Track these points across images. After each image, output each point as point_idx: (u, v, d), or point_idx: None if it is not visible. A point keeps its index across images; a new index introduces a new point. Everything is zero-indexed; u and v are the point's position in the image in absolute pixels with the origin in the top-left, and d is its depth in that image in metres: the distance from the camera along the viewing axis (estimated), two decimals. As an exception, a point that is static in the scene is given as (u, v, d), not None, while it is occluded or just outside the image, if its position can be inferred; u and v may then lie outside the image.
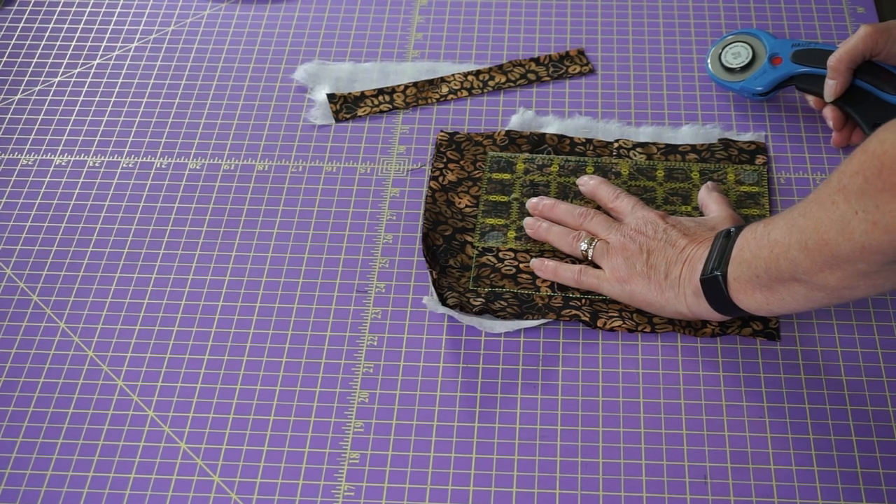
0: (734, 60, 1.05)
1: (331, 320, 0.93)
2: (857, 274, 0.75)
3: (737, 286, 0.84)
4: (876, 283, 0.77)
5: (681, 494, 0.82)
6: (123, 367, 0.91)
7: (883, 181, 0.70)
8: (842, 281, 0.77)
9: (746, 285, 0.83)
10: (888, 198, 0.70)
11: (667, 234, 0.91)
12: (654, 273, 0.89)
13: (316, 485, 0.84)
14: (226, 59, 1.15)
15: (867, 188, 0.71)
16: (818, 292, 0.79)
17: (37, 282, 0.97)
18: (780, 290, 0.81)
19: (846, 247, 0.74)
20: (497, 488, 0.83)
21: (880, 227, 0.71)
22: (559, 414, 0.87)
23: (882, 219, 0.71)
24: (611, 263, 0.92)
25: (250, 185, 1.04)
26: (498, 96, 1.11)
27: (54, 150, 1.07)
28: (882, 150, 0.70)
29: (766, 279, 0.81)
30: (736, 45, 1.06)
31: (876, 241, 0.72)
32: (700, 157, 1.03)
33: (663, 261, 0.89)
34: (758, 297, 0.83)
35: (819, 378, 0.89)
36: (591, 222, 0.95)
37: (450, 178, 1.03)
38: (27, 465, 0.85)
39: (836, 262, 0.75)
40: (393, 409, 0.88)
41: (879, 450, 0.85)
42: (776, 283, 0.81)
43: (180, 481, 0.84)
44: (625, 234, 0.92)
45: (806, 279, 0.78)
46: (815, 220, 0.76)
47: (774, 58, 1.03)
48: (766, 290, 0.82)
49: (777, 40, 1.05)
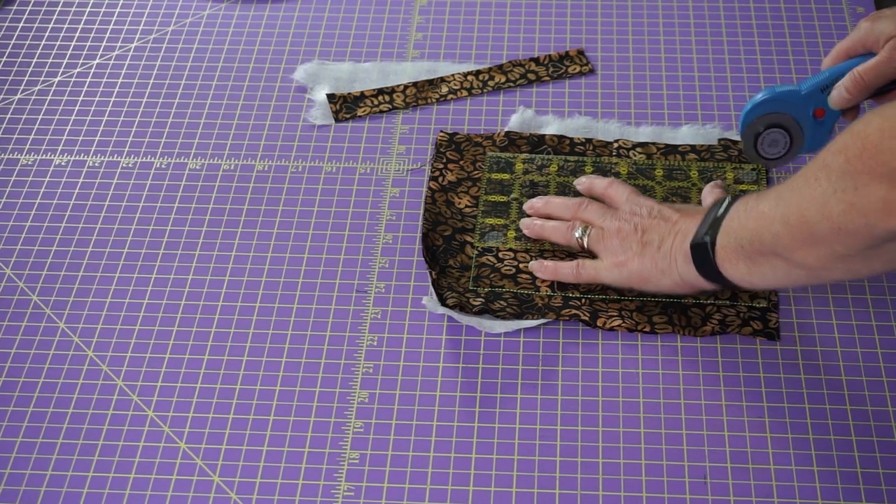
0: (772, 150, 0.96)
1: (330, 320, 0.93)
2: (833, 256, 0.75)
3: (723, 254, 0.84)
4: (852, 268, 0.76)
5: (680, 494, 0.82)
6: (123, 367, 0.91)
7: (863, 163, 0.69)
8: (819, 261, 0.76)
9: (732, 254, 0.83)
10: (866, 180, 0.69)
11: (661, 212, 0.91)
12: (648, 248, 0.89)
13: (316, 485, 0.84)
14: (226, 59, 1.15)
15: (847, 168, 0.70)
16: (797, 270, 0.79)
17: (36, 282, 0.97)
18: (762, 263, 0.81)
19: (824, 226, 0.73)
20: (497, 488, 0.83)
21: (857, 209, 0.70)
22: (559, 414, 0.87)
23: (859, 201, 0.70)
24: (606, 248, 0.92)
25: (250, 185, 1.04)
26: (498, 96, 1.11)
27: (54, 149, 1.07)
28: (866, 133, 0.69)
29: (749, 250, 0.81)
30: (772, 133, 0.95)
31: (851, 224, 0.71)
32: (700, 158, 1.03)
33: (657, 235, 0.90)
34: (741, 268, 0.83)
35: (819, 378, 0.89)
36: (585, 211, 0.95)
37: (449, 178, 1.03)
38: (27, 464, 0.85)
39: (813, 240, 0.75)
40: (393, 409, 0.88)
41: (879, 450, 0.85)
42: (758, 255, 0.81)
43: (180, 481, 0.84)
44: (620, 218, 0.92)
45: (786, 255, 0.78)
46: (799, 195, 0.75)
47: (816, 110, 0.94)
48: (750, 261, 0.82)
49: (803, 94, 0.93)
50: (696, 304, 0.93)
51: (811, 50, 1.14)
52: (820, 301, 0.94)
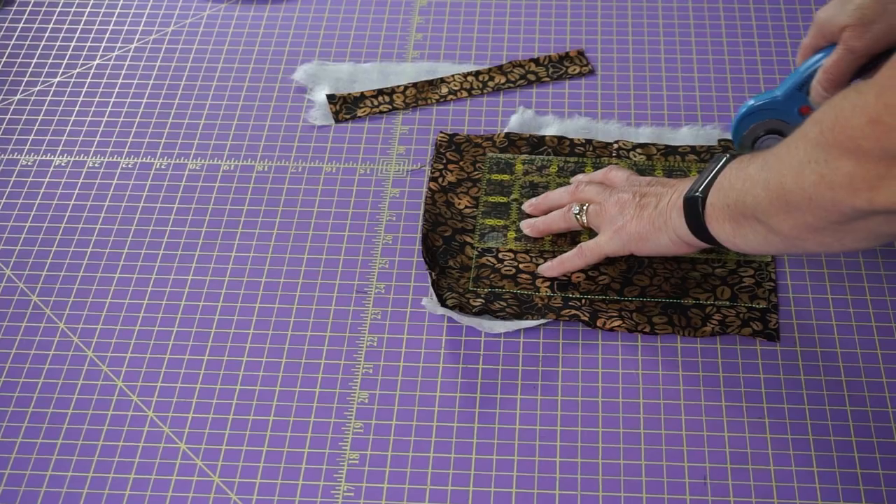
0: None
1: (330, 321, 0.93)
2: (805, 226, 0.75)
3: (711, 212, 0.84)
4: (824, 241, 0.76)
5: (680, 495, 0.82)
6: (123, 368, 0.91)
7: (834, 136, 0.69)
8: (792, 230, 0.76)
9: (719, 213, 0.83)
10: (836, 154, 0.69)
11: (659, 180, 0.93)
12: (646, 209, 0.90)
13: (315, 485, 0.84)
14: (225, 60, 1.15)
15: (821, 140, 0.71)
16: (774, 236, 0.79)
17: (36, 282, 0.97)
18: (744, 226, 0.81)
19: (797, 195, 0.73)
20: (497, 489, 0.83)
21: (825, 182, 0.71)
22: (559, 414, 0.87)
23: (828, 174, 0.70)
24: (605, 219, 0.93)
25: (250, 185, 1.04)
26: (498, 97, 1.11)
27: (54, 150, 1.07)
28: (840, 106, 0.70)
29: (734, 211, 0.81)
30: (769, 139, 0.98)
31: (820, 196, 0.72)
32: (700, 159, 1.03)
33: (654, 197, 0.90)
34: (726, 228, 0.83)
35: (819, 379, 0.89)
36: (583, 192, 0.96)
37: (449, 178, 1.03)
38: (27, 465, 0.85)
39: (788, 208, 0.75)
40: (392, 409, 0.88)
41: (879, 451, 0.85)
42: (741, 217, 0.81)
43: (180, 482, 0.84)
44: (618, 192, 0.93)
45: (764, 220, 0.78)
46: (780, 161, 0.76)
47: (802, 109, 0.97)
48: (734, 222, 0.82)
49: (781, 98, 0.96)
50: (696, 304, 0.93)
51: (811, 51, 1.14)
52: (820, 302, 0.94)
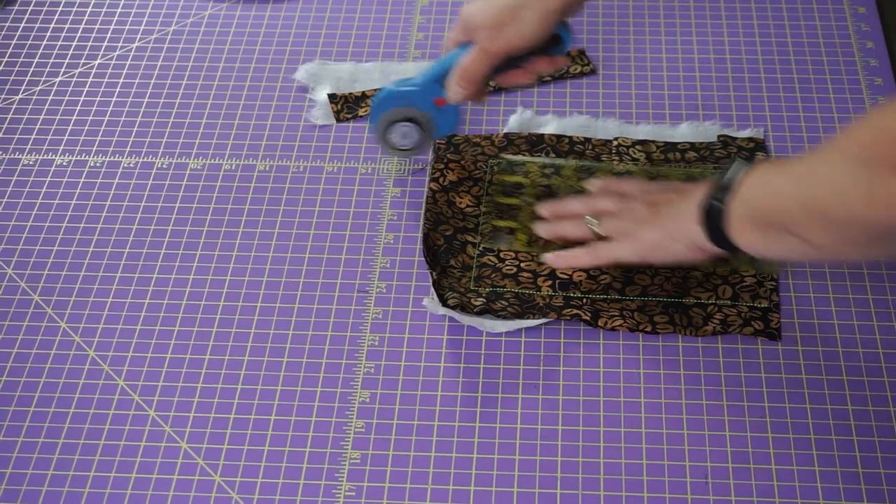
0: (405, 141, 0.99)
1: (332, 320, 0.93)
2: (848, 240, 0.75)
3: (734, 222, 0.83)
4: (867, 252, 0.75)
5: (682, 494, 0.82)
6: (124, 367, 0.91)
7: (879, 155, 0.69)
8: (833, 243, 0.76)
9: (742, 223, 0.82)
10: (885, 172, 0.69)
11: (674, 187, 0.93)
12: (660, 218, 0.90)
13: (317, 484, 0.84)
14: (227, 59, 1.15)
15: (864, 158, 0.70)
16: (808, 248, 0.78)
17: (38, 282, 0.97)
18: (773, 237, 0.80)
19: (843, 214, 0.73)
20: (498, 488, 0.83)
21: (877, 202, 0.70)
22: (560, 414, 0.87)
23: (876, 192, 0.70)
24: (621, 229, 0.92)
25: (251, 185, 1.04)
26: (498, 96, 1.11)
27: (55, 150, 1.07)
28: (881, 126, 0.69)
29: (761, 223, 0.81)
30: (402, 127, 0.98)
31: (872, 216, 0.71)
32: (699, 156, 1.03)
33: (668, 203, 0.90)
34: (749, 237, 0.82)
35: (820, 378, 0.89)
36: (598, 203, 0.96)
37: (450, 178, 1.02)
38: (28, 464, 0.85)
39: (830, 226, 0.74)
40: (394, 408, 0.88)
41: (881, 450, 0.85)
42: (770, 229, 0.80)
43: (181, 481, 0.84)
44: (634, 200, 0.94)
45: (798, 234, 0.78)
46: (816, 178, 0.75)
47: (437, 101, 0.97)
48: (762, 233, 0.81)
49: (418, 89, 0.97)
50: (697, 304, 0.93)
51: (812, 49, 1.14)
52: (821, 301, 0.94)
